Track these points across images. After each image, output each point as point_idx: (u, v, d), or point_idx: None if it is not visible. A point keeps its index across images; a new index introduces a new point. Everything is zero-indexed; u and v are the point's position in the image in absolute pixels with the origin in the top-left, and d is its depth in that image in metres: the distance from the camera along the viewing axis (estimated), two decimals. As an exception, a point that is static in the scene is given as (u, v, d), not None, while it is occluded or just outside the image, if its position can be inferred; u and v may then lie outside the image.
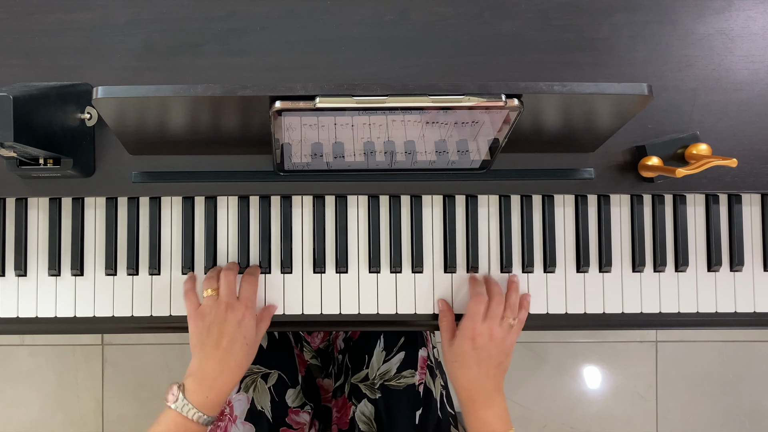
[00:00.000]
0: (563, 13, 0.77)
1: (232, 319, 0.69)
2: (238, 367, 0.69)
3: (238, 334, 0.69)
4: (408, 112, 0.59)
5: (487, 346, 0.71)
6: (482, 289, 0.75)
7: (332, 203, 0.78)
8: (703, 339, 1.61)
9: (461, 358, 0.72)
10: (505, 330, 0.73)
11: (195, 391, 0.68)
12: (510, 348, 0.73)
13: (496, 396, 0.72)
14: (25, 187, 0.75)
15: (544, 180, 0.77)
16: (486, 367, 0.71)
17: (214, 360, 0.68)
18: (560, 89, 0.57)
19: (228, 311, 0.70)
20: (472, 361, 0.71)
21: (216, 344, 0.69)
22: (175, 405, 0.67)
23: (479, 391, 0.72)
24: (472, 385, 0.72)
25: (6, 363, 1.57)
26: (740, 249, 0.79)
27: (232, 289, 0.72)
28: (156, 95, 0.57)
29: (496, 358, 0.72)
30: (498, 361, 0.72)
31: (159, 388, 1.56)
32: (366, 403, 0.86)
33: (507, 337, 0.73)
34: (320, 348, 1.00)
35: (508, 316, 0.73)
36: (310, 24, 0.76)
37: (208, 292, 0.72)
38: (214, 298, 0.71)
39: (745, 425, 1.61)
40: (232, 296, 0.71)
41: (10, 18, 0.75)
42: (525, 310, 0.76)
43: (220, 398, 0.69)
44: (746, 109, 0.77)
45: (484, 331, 0.71)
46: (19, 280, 0.77)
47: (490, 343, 0.71)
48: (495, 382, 0.72)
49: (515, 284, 0.76)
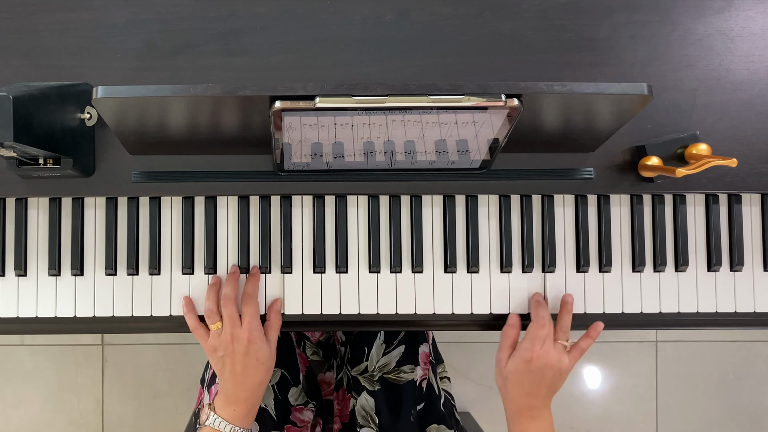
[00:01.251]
0: (563, 13, 0.77)
1: (239, 348, 0.72)
2: (258, 384, 0.74)
3: (249, 360, 0.72)
4: (408, 112, 0.59)
5: (542, 369, 0.73)
6: (545, 314, 0.75)
7: (332, 203, 0.78)
8: (703, 339, 1.61)
9: (515, 376, 0.74)
10: (560, 352, 0.74)
11: (222, 407, 0.73)
12: (566, 371, 0.74)
13: (543, 412, 0.74)
14: (25, 187, 0.75)
15: (544, 180, 0.77)
16: (537, 388, 0.73)
17: (235, 383, 0.73)
18: (560, 89, 0.57)
19: (234, 342, 0.73)
20: (525, 381, 0.73)
21: (232, 371, 0.73)
22: (208, 422, 0.73)
23: (527, 407, 0.74)
24: (521, 401, 0.74)
25: (6, 363, 1.57)
26: (740, 249, 0.79)
27: (234, 318, 0.73)
28: (156, 95, 0.57)
29: (550, 380, 0.73)
30: (551, 383, 0.74)
31: (159, 388, 1.56)
32: (366, 396, 0.86)
33: (563, 359, 0.74)
34: (320, 341, 1.00)
35: (561, 339, 0.74)
36: (310, 24, 0.76)
37: (214, 326, 0.74)
38: (219, 332, 0.74)
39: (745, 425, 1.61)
40: (236, 326, 0.73)
41: (11, 18, 0.75)
42: (590, 339, 0.76)
43: (250, 410, 0.74)
44: (746, 109, 0.77)
45: (542, 355, 0.73)
46: (19, 280, 0.77)
47: (545, 367, 0.73)
48: (544, 401, 0.74)
49: (567, 306, 0.77)
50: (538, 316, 0.75)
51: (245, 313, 0.74)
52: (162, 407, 1.56)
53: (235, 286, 0.75)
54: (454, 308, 0.78)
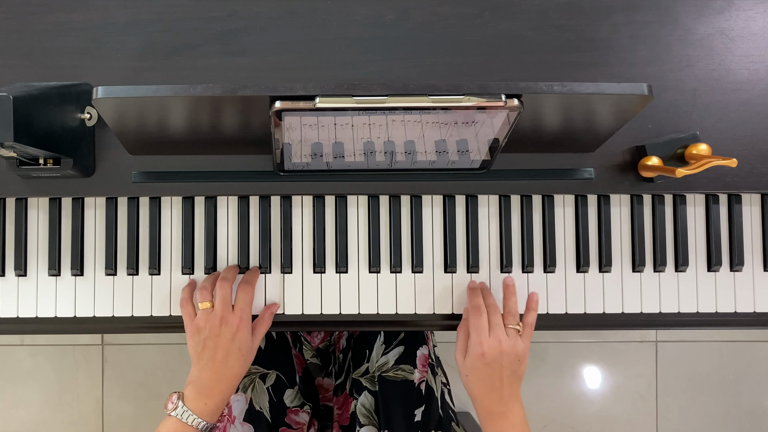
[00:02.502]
0: (563, 13, 0.77)
1: (226, 332, 0.70)
2: (235, 376, 0.71)
3: (233, 347, 0.70)
4: (408, 112, 0.59)
5: (498, 358, 0.71)
6: (480, 301, 0.74)
7: (332, 203, 0.78)
8: (703, 339, 1.61)
9: (473, 373, 0.72)
10: (513, 337, 0.72)
11: (194, 399, 0.70)
12: (523, 354, 0.72)
13: (512, 404, 0.72)
14: (25, 187, 0.75)
15: (544, 180, 0.77)
16: (499, 378, 0.71)
17: (211, 372, 0.70)
18: (560, 89, 0.57)
19: (222, 325, 0.70)
20: (484, 375, 0.71)
21: (212, 357, 0.70)
22: (174, 412, 0.70)
23: (495, 402, 0.71)
24: (487, 397, 0.72)
25: (6, 363, 1.57)
26: (740, 249, 0.79)
27: (227, 301, 0.72)
28: (156, 95, 0.57)
29: (509, 367, 0.71)
30: (511, 371, 0.72)
31: (159, 388, 1.56)
32: (366, 395, 0.86)
33: (517, 344, 0.72)
34: (320, 348, 1.00)
35: (511, 324, 0.73)
36: (310, 24, 0.76)
37: (204, 304, 0.72)
38: (209, 311, 0.71)
39: (745, 425, 1.61)
40: (227, 309, 0.71)
41: (11, 18, 0.75)
42: (533, 311, 0.75)
43: (219, 405, 0.71)
44: (746, 109, 0.77)
45: (493, 344, 0.71)
46: (19, 280, 0.77)
47: (500, 355, 0.71)
48: (510, 390, 0.72)
49: (510, 288, 0.75)
50: (473, 305, 0.73)
51: (239, 299, 0.72)
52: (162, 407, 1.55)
53: (234, 274, 0.74)
54: (454, 308, 0.78)
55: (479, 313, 0.72)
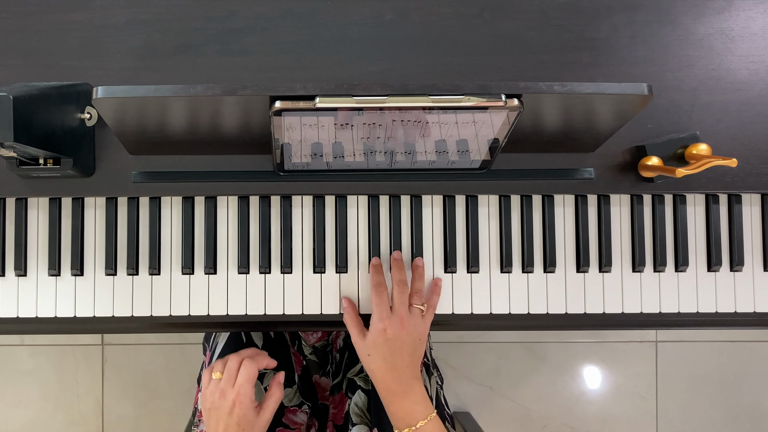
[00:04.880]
0: (563, 13, 0.77)
1: (224, 406, 0.72)
2: None
3: (231, 421, 0.72)
4: (408, 112, 0.59)
5: (399, 335, 0.71)
6: (381, 278, 0.75)
7: (332, 203, 0.78)
8: (703, 339, 1.61)
9: (374, 351, 0.72)
10: (416, 317, 0.73)
11: None
12: (423, 334, 0.73)
13: (413, 383, 0.72)
14: (25, 187, 0.75)
15: (544, 180, 0.77)
16: (400, 356, 0.72)
17: None
18: (560, 89, 0.57)
19: (221, 398, 0.72)
20: (386, 353, 0.72)
21: (215, 428, 0.73)
22: None
23: (396, 381, 0.72)
24: (388, 376, 0.72)
25: (6, 363, 1.57)
26: (740, 249, 0.79)
27: (231, 375, 0.73)
28: (156, 95, 0.57)
29: (411, 345, 0.72)
30: (412, 349, 0.72)
31: (159, 388, 1.56)
32: (359, 394, 0.86)
33: (418, 323, 0.73)
34: (316, 346, 1.00)
35: (416, 303, 0.74)
36: (310, 24, 0.76)
37: (215, 374, 0.74)
38: (216, 382, 0.74)
39: (745, 425, 1.61)
40: (228, 383, 0.73)
41: (11, 18, 0.75)
42: (436, 295, 0.76)
43: None
44: (746, 109, 0.77)
45: (395, 320, 0.72)
46: (19, 280, 0.77)
47: (401, 332, 0.72)
48: (411, 370, 0.72)
49: (419, 269, 0.76)
50: (374, 282, 0.74)
51: (240, 374, 0.73)
52: (162, 407, 1.56)
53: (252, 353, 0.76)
54: (454, 308, 0.78)
55: (379, 290, 0.73)
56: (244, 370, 0.73)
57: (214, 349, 0.92)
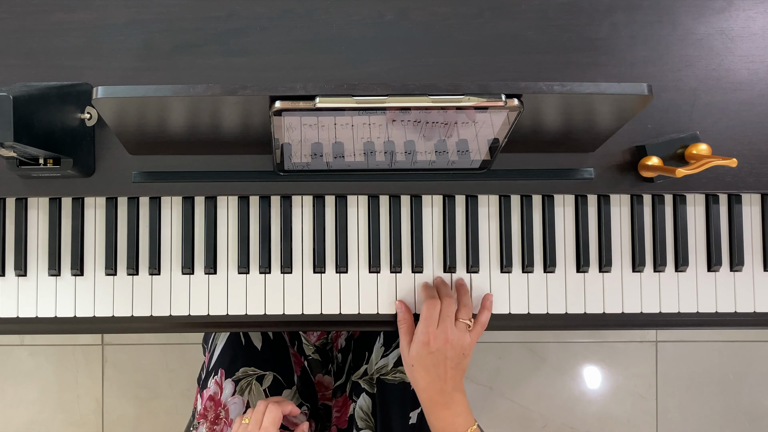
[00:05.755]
0: (563, 13, 0.77)
1: None
2: None
3: None
4: (408, 112, 0.59)
5: (443, 348, 0.72)
6: (434, 292, 0.75)
7: (332, 203, 0.78)
8: (703, 339, 1.61)
9: (418, 362, 0.73)
10: (462, 331, 0.73)
11: None
12: (468, 348, 0.74)
13: (455, 395, 0.73)
14: (25, 187, 0.75)
15: (544, 180, 0.77)
16: (444, 369, 0.72)
17: None
18: (560, 89, 0.57)
19: None
20: (429, 364, 0.72)
21: None
22: None
23: (438, 392, 0.73)
24: (431, 387, 0.73)
25: (6, 363, 1.57)
26: (740, 249, 0.79)
27: (258, 419, 0.75)
28: (156, 95, 0.57)
29: (453, 359, 0.72)
30: (455, 363, 0.73)
31: (159, 388, 1.56)
32: (364, 397, 0.86)
33: (463, 337, 0.73)
34: (317, 345, 1.00)
35: (463, 317, 0.74)
36: (310, 24, 0.76)
37: (244, 418, 0.75)
38: (245, 426, 0.75)
39: (745, 425, 1.61)
40: (255, 426, 0.74)
41: (11, 18, 0.75)
42: (487, 310, 0.76)
43: None
44: (746, 109, 0.77)
45: (439, 334, 0.72)
46: (19, 280, 0.77)
47: (445, 345, 0.72)
48: (454, 383, 0.73)
49: (464, 287, 0.77)
50: (427, 295, 0.75)
51: (265, 418, 0.74)
52: (162, 407, 1.55)
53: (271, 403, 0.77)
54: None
55: (432, 303, 0.74)
56: (269, 414, 0.75)
57: (213, 351, 0.92)
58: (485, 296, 0.77)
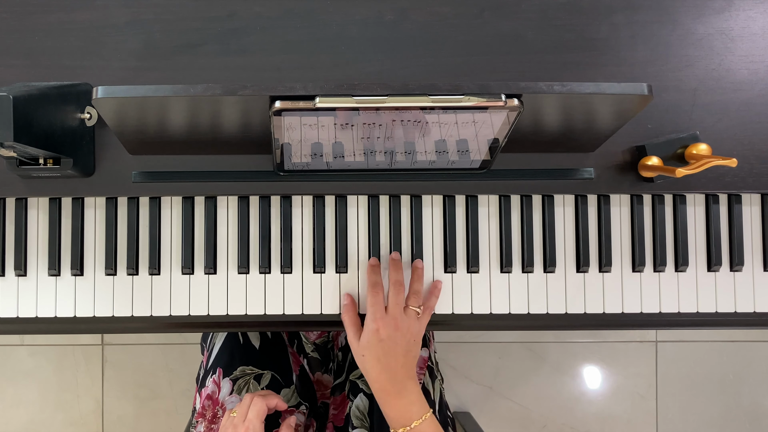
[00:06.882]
0: (563, 13, 0.77)
1: None
2: None
3: None
4: (408, 112, 0.59)
5: (393, 336, 0.72)
6: (378, 278, 0.75)
7: (332, 203, 0.78)
8: (703, 339, 1.61)
9: (369, 351, 0.72)
10: (411, 318, 0.73)
11: None
12: (418, 335, 0.74)
13: (407, 383, 0.73)
14: (25, 187, 0.75)
15: (544, 180, 0.77)
16: (394, 357, 0.72)
17: None
18: (560, 89, 0.57)
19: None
20: (380, 353, 0.72)
21: None
22: None
23: (390, 381, 0.72)
24: (383, 377, 0.72)
25: (6, 363, 1.57)
26: (740, 249, 0.79)
27: (243, 411, 0.75)
28: (156, 95, 0.57)
29: (404, 346, 0.72)
30: (406, 350, 0.72)
31: (159, 388, 1.56)
32: (361, 397, 0.86)
33: (413, 324, 0.73)
34: (317, 343, 1.00)
35: (412, 304, 0.74)
36: (310, 24, 0.76)
37: (233, 411, 0.75)
38: (231, 418, 0.75)
39: (745, 425, 1.61)
40: (240, 419, 0.74)
41: (11, 18, 0.75)
42: (434, 297, 0.76)
43: None
44: (746, 109, 0.77)
45: (389, 321, 0.72)
46: (19, 280, 0.77)
47: (395, 333, 0.72)
48: (405, 370, 0.73)
49: (418, 271, 0.77)
50: (371, 282, 0.75)
51: (250, 410, 0.74)
52: (162, 407, 1.56)
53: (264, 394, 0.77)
54: (454, 308, 0.78)
55: (375, 291, 0.74)
56: (253, 406, 0.74)
57: (212, 350, 0.92)
58: (434, 282, 0.77)
